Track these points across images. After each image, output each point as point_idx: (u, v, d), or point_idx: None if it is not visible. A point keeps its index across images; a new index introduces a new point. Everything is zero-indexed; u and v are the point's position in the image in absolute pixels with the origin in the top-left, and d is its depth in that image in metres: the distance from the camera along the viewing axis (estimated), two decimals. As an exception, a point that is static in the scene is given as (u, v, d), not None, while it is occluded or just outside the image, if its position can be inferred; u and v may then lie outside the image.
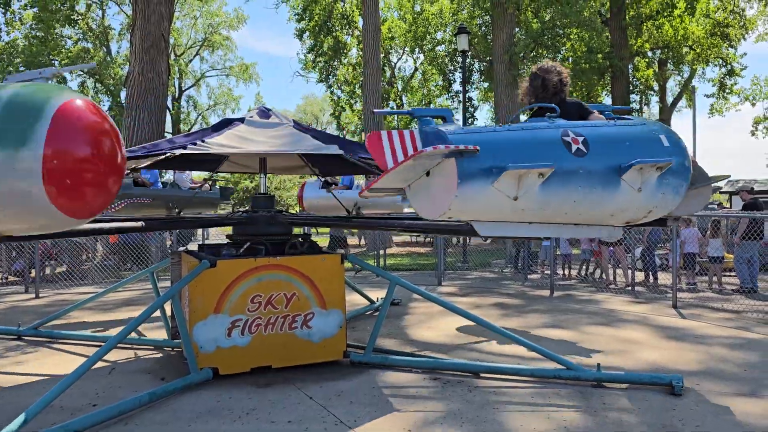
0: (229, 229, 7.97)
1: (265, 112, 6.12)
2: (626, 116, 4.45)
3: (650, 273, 11.03)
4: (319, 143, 5.52)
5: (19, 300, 10.04)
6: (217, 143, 5.29)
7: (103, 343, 5.27)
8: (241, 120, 6.00)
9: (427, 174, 3.47)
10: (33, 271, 12.01)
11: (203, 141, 5.38)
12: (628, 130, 3.97)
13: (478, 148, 3.28)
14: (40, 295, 10.41)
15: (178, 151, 5.04)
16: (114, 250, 15.09)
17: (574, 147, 3.62)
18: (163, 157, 5.24)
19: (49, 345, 6.38)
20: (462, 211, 3.51)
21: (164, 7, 16.63)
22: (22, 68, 26.41)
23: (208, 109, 48.39)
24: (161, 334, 6.51)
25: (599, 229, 4.14)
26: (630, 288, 10.53)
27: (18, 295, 10.65)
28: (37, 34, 23.33)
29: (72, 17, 20.69)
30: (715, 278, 10.70)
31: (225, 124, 5.81)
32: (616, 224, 4.19)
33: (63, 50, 29.14)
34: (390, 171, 3.31)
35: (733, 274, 11.22)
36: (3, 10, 19.11)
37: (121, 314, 8.31)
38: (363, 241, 21.63)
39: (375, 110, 7.21)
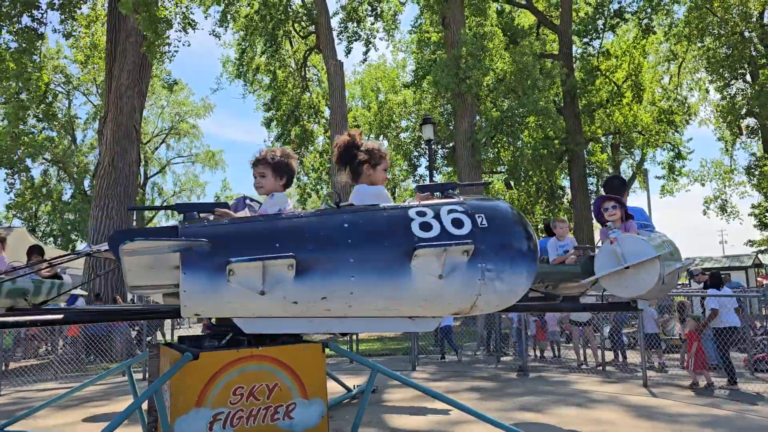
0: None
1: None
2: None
3: (619, 352, 11.24)
4: None
5: (-22, 398, 9.64)
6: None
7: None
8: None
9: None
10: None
11: None
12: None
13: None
14: (1, 392, 10.02)
15: None
16: (72, 342, 14.67)
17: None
18: None
19: (17, 446, 6.15)
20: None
21: (136, 100, 17.08)
22: None
23: (173, 195, 48.50)
24: (134, 431, 6.35)
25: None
26: (600, 368, 10.69)
27: (-23, 393, 10.21)
28: (11, 129, 23.43)
29: (52, 112, 20.91)
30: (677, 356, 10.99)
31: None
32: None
33: (27, 139, 29.19)
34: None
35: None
36: None
37: (84, 411, 8.01)
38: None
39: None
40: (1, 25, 17.07)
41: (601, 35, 28.14)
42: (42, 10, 17.19)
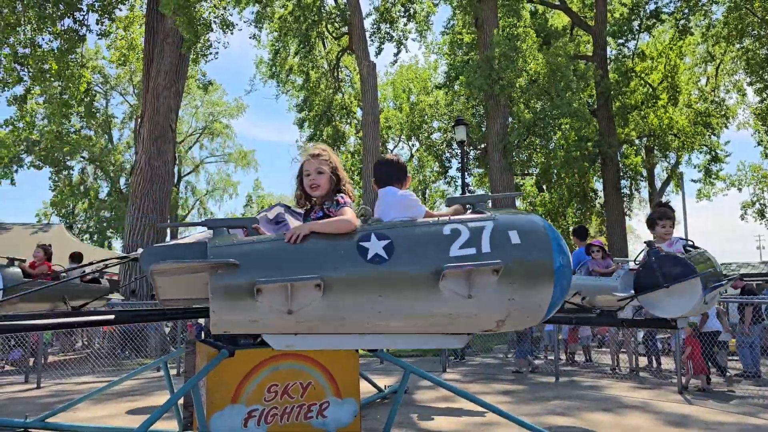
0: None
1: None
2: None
3: (653, 357, 11.08)
4: None
5: (18, 390, 9.92)
6: None
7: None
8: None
9: None
10: (32, 360, 11.92)
11: None
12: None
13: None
14: (41, 385, 10.30)
15: None
16: (108, 338, 15.05)
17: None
18: None
19: (58, 437, 6.32)
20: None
21: (173, 100, 17.39)
22: (38, 163, 27.10)
23: (206, 194, 49.25)
24: (169, 425, 6.48)
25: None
26: (635, 373, 10.54)
27: (17, 385, 10.52)
28: (54, 128, 24.03)
29: (93, 110, 21.35)
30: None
31: None
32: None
33: (74, 137, 29.86)
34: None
35: (734, 358, 11.30)
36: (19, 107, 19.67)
37: (122, 405, 8.18)
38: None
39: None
40: (45, 27, 17.54)
41: (636, 36, 27.63)
42: (83, 11, 17.62)
